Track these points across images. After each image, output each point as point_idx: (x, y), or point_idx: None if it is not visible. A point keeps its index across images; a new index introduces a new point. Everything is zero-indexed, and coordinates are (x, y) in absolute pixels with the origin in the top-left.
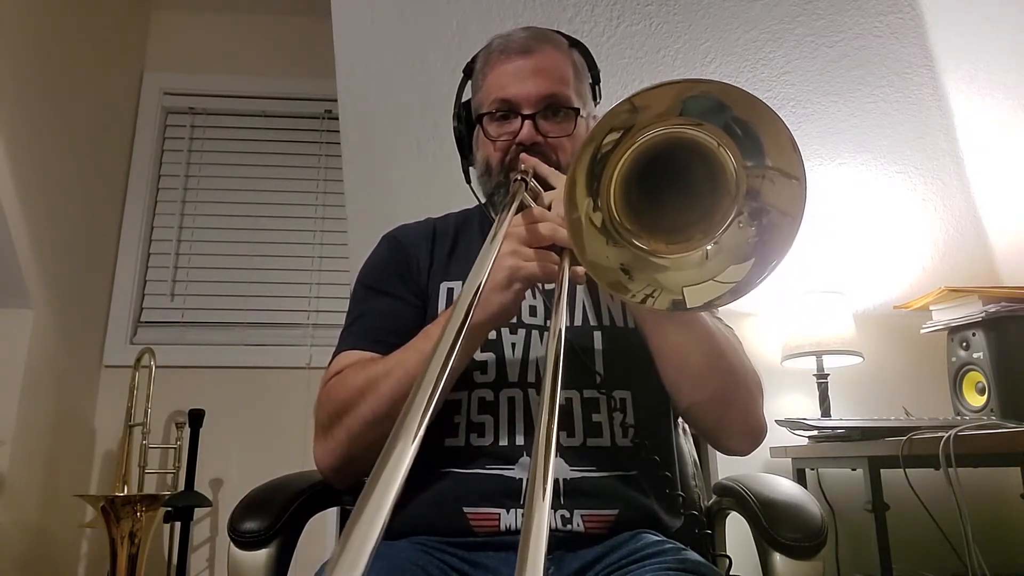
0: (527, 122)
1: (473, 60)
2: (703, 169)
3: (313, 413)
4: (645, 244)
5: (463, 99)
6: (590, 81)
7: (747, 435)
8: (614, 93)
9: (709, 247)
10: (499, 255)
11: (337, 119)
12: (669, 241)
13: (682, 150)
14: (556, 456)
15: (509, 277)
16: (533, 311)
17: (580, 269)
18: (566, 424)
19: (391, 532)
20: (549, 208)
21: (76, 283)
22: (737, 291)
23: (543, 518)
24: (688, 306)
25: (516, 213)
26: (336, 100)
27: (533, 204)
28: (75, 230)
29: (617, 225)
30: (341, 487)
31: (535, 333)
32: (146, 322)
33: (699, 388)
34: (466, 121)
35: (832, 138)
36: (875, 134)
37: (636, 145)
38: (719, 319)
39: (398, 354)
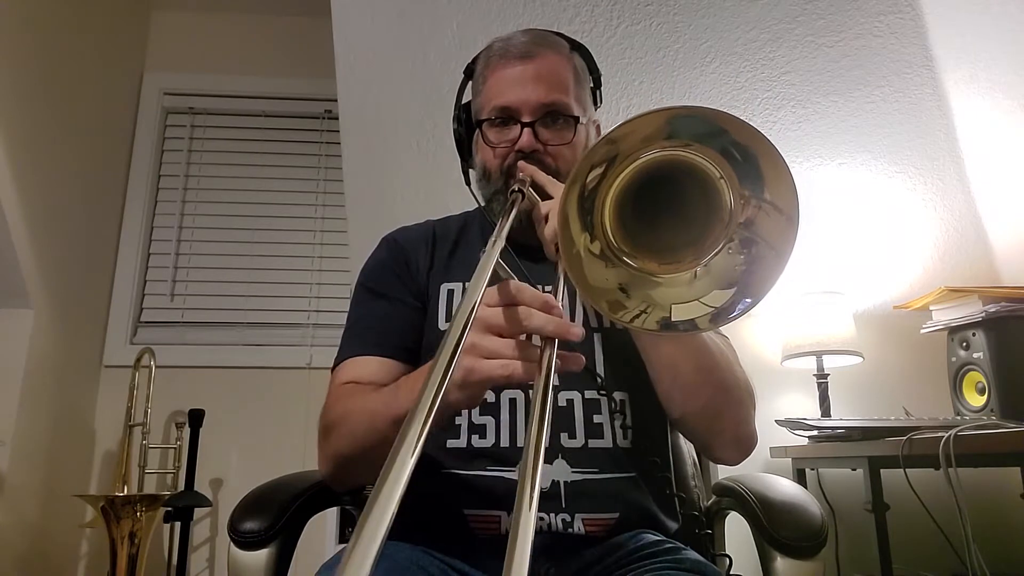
0: (526, 130)
1: (474, 61)
2: (698, 190)
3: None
4: (640, 264)
5: (463, 100)
6: (591, 85)
7: (737, 446)
8: (615, 94)
9: (698, 269)
10: (462, 347)
11: (337, 119)
12: (662, 261)
13: (676, 171)
14: (558, 458)
15: (463, 378)
16: None
17: (570, 357)
18: (567, 425)
19: (392, 533)
20: (546, 219)
21: (76, 283)
22: (716, 318)
23: (529, 524)
24: (673, 320)
25: (512, 221)
26: (336, 100)
27: (512, 276)
28: (75, 230)
29: (615, 249)
30: (339, 491)
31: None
32: (146, 322)
33: (691, 399)
34: (466, 123)
35: (832, 138)
36: (875, 134)
37: (625, 172)
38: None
39: (372, 399)
